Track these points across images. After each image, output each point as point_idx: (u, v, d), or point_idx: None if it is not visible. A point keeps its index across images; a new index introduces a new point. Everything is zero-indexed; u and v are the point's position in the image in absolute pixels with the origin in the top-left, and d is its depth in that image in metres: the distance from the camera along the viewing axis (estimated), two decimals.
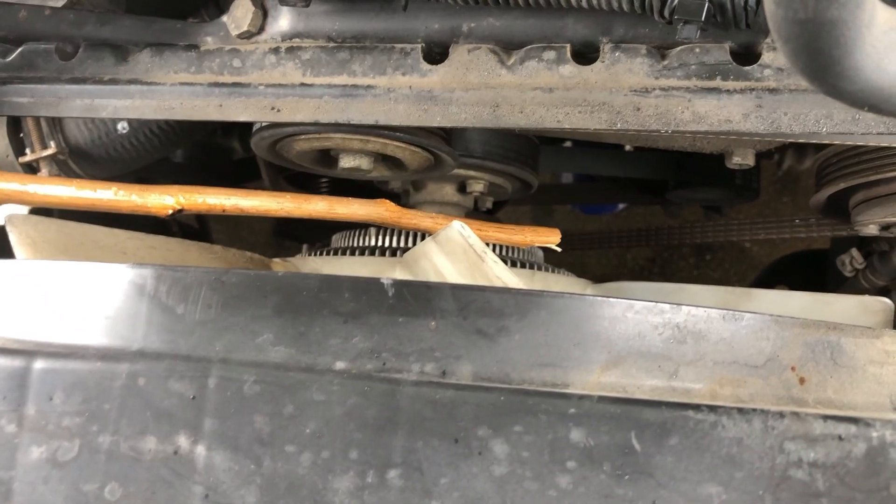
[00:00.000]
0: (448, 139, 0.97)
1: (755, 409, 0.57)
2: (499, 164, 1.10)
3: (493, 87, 0.78)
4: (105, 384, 0.62)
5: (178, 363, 0.62)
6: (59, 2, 0.93)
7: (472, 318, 0.61)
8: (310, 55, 0.83)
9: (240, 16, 0.84)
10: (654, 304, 0.63)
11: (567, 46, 0.78)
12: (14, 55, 0.90)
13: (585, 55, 0.78)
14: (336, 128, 0.86)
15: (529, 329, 0.61)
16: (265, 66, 0.84)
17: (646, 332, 0.62)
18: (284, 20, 0.84)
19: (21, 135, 1.05)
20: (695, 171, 1.49)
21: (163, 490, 0.60)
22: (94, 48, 0.89)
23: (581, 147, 1.55)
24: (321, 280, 0.63)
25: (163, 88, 0.86)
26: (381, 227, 1.04)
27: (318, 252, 1.13)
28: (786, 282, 1.77)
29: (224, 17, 0.86)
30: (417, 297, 0.62)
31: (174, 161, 1.54)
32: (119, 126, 1.06)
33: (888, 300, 0.94)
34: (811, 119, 0.73)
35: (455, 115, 0.79)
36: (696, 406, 0.57)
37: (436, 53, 0.81)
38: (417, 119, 0.79)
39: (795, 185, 2.48)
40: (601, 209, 2.52)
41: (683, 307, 0.63)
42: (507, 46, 0.80)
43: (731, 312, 0.64)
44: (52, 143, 1.04)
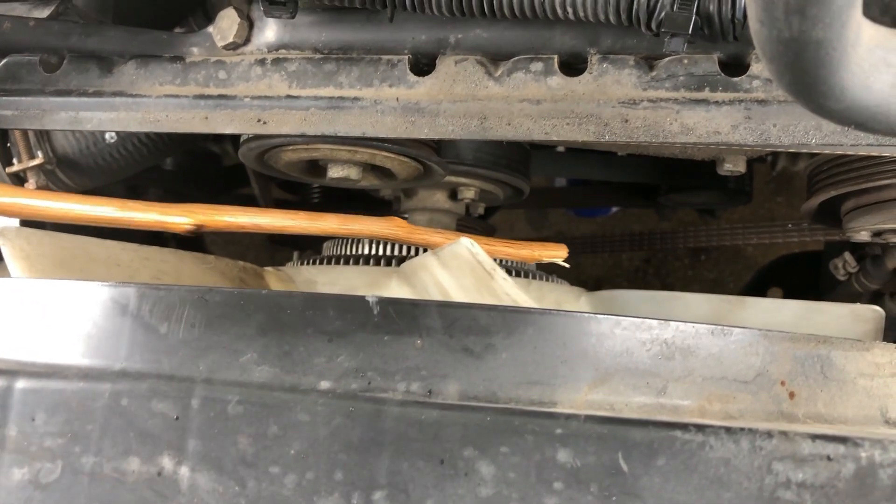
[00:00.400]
0: (437, 148, 0.97)
1: (743, 429, 0.56)
2: (489, 171, 1.10)
3: (481, 99, 0.78)
4: (88, 404, 0.62)
5: (162, 383, 0.61)
6: (45, 13, 0.92)
7: (459, 336, 0.61)
8: (296, 67, 0.83)
9: (225, 27, 0.83)
10: (642, 320, 0.62)
11: (555, 58, 0.77)
12: None
13: (573, 66, 0.77)
14: (324, 138, 0.86)
15: (517, 347, 0.61)
16: (251, 78, 0.83)
17: (634, 349, 0.62)
18: (270, 31, 0.84)
19: (8, 145, 1.04)
20: (687, 176, 1.49)
21: None
22: (79, 60, 0.88)
23: (573, 152, 1.54)
24: (305, 298, 0.62)
25: (148, 101, 0.85)
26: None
27: (311, 260, 1.12)
28: (780, 283, 1.77)
29: (210, 28, 0.85)
30: (403, 315, 0.61)
31: (164, 168, 1.53)
32: (107, 136, 1.05)
33: (880, 308, 0.93)
34: (800, 130, 0.73)
35: (442, 127, 0.78)
36: (684, 426, 0.56)
37: (423, 65, 0.81)
38: (405, 131, 0.79)
39: (789, 186, 2.48)
40: (595, 212, 2.53)
41: (672, 323, 0.63)
42: (495, 57, 0.79)
43: (720, 328, 0.63)
44: (40, 154, 1.03)
